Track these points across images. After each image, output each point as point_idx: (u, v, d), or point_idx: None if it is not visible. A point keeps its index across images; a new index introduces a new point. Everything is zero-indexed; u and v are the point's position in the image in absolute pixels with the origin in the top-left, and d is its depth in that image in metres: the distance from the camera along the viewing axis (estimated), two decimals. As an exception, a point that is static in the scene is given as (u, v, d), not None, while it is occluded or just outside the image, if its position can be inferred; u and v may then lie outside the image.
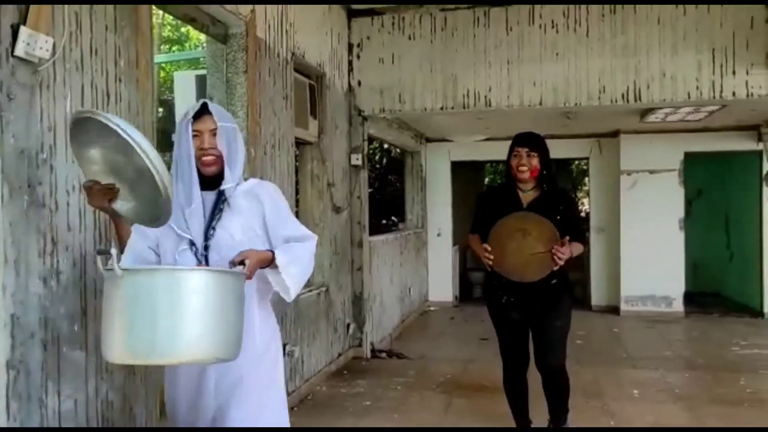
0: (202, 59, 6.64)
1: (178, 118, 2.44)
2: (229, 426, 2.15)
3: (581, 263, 9.77)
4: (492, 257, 3.28)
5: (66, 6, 2.41)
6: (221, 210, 2.22)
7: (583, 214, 12.26)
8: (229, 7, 3.63)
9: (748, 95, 5.16)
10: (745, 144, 8.33)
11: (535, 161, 3.40)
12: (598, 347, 6.32)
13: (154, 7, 3.18)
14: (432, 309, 8.71)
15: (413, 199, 8.74)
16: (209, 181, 2.20)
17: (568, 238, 3.23)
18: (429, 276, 8.94)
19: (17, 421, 2.18)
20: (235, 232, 2.21)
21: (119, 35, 2.72)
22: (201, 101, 2.25)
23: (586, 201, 13.32)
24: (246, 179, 2.33)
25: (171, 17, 8.38)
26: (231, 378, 2.15)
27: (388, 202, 11.10)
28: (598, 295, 8.79)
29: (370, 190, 6.20)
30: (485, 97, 5.54)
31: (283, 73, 4.39)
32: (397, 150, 10.86)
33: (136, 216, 2.10)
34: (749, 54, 5.12)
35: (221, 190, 2.21)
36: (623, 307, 8.28)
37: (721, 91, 5.20)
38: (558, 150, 9.13)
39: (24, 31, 2.18)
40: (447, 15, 5.61)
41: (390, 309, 6.96)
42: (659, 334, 7.06)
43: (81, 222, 2.52)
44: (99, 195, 2.04)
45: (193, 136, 2.17)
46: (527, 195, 3.46)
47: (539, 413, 3.67)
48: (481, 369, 5.36)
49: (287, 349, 4.33)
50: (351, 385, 5.03)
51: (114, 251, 1.81)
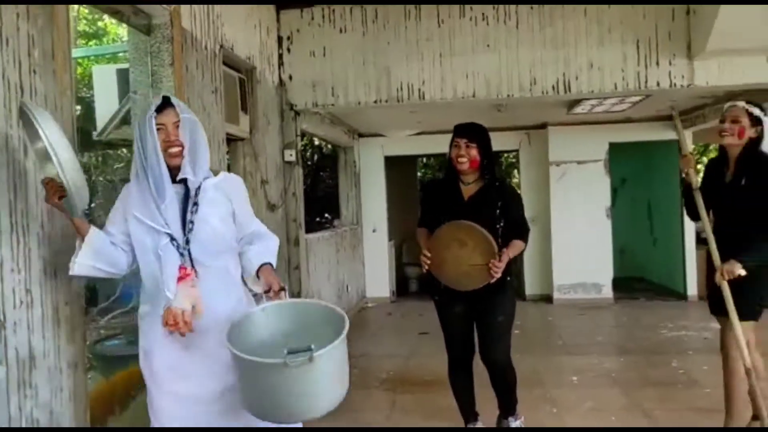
0: (121, 54, 6.36)
1: (99, 114, 2.41)
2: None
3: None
4: (429, 262, 3.26)
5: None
6: (197, 203, 2.29)
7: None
8: (152, -4, 3.45)
9: (671, 85, 5.32)
10: (664, 134, 8.65)
11: (474, 152, 3.34)
12: (535, 336, 6.43)
13: (70, -6, 2.97)
14: (370, 305, 8.66)
15: (348, 195, 8.65)
16: (176, 173, 2.27)
17: (505, 250, 3.20)
18: (366, 272, 8.87)
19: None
20: (214, 224, 2.31)
21: (32, 24, 2.51)
22: (162, 95, 2.33)
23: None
24: (216, 173, 2.41)
25: (86, 10, 7.98)
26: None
27: (321, 199, 10.98)
28: (531, 285, 8.95)
29: (303, 187, 6.07)
30: (419, 90, 5.51)
31: (211, 66, 4.21)
32: (329, 146, 10.75)
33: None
34: (671, 45, 5.28)
35: (189, 183, 2.28)
36: (556, 295, 8.46)
37: (645, 82, 5.35)
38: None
39: None
40: (378, 7, 5.53)
41: (328, 307, 6.82)
42: (591, 321, 7.24)
43: (-5, 227, 2.31)
44: (52, 192, 2.14)
45: (158, 129, 2.23)
46: (469, 188, 3.42)
47: (490, 408, 3.66)
48: (422, 363, 5.35)
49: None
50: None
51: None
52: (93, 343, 4.44)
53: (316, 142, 11.04)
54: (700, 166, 7.47)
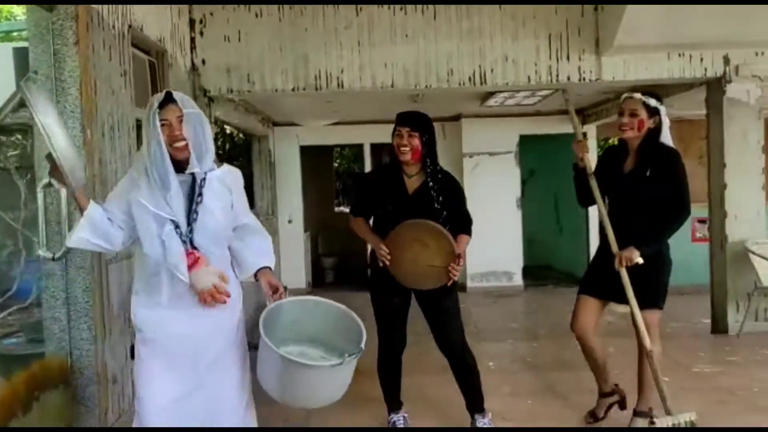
0: (16, 33, 5.94)
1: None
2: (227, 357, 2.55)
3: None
4: (389, 258, 3.23)
5: None
6: (201, 194, 2.43)
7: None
8: (54, -31, 3.21)
9: (580, 79, 5.52)
10: (568, 127, 8.93)
11: (416, 141, 3.29)
12: (424, 325, 6.51)
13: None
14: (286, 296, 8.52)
15: (263, 185, 8.46)
16: (181, 165, 2.39)
17: (459, 254, 3.19)
18: (281, 263, 8.73)
19: None
20: (217, 214, 2.46)
21: None
22: (164, 91, 2.45)
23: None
24: (218, 164, 2.55)
25: (-24, -15, 7.38)
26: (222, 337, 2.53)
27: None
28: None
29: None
30: (337, 78, 5.44)
31: (120, 47, 3.98)
32: (240, 135, 10.48)
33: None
34: (581, 41, 5.47)
35: (196, 175, 2.43)
36: (469, 284, 8.64)
37: (557, 76, 5.52)
38: (404, 134, 9.36)
39: None
40: (294, -7, 5.43)
41: (245, 299, 6.67)
42: (504, 308, 7.46)
43: None
44: (54, 167, 2.31)
45: (162, 125, 2.35)
46: (412, 180, 3.39)
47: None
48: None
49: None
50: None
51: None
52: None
53: (228, 131, 10.74)
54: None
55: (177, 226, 2.41)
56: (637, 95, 3.34)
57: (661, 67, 5.55)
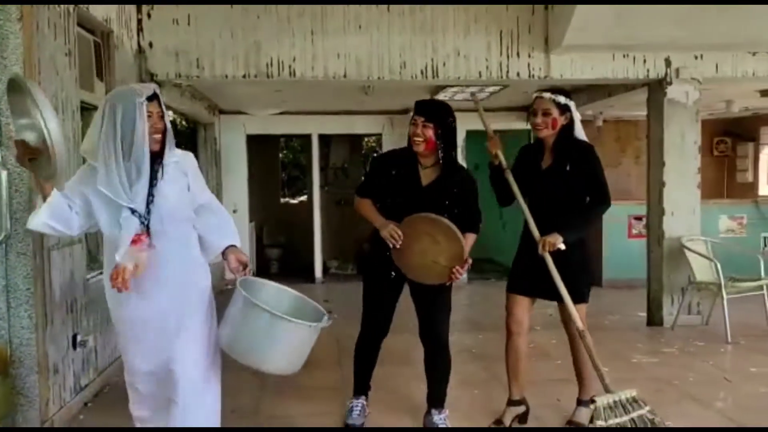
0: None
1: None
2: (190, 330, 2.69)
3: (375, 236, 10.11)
4: (400, 244, 3.19)
5: None
6: (157, 180, 2.59)
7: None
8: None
9: (529, 76, 5.62)
10: (515, 123, 9.16)
11: (430, 132, 3.23)
12: (398, 317, 6.54)
13: None
14: (229, 287, 8.37)
15: (207, 174, 8.29)
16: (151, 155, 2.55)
17: (467, 259, 3.19)
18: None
19: None
20: (171, 197, 2.63)
21: None
22: (153, 86, 2.61)
23: (375, 176, 13.84)
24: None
25: None
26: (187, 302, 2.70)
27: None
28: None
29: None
30: (289, 67, 5.38)
31: (65, 25, 3.83)
32: (183, 122, 10.25)
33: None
34: (531, 38, 5.58)
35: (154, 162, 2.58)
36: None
37: (507, 72, 5.61)
38: (354, 126, 9.37)
39: None
40: (246, -22, 5.33)
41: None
42: (449, 300, 7.53)
43: None
44: (25, 153, 2.44)
45: (147, 116, 2.50)
46: (427, 172, 3.35)
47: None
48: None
49: (79, 338, 3.87)
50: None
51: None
52: None
53: (171, 118, 10.47)
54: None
55: (134, 211, 2.56)
56: (547, 94, 3.36)
57: (606, 68, 5.71)
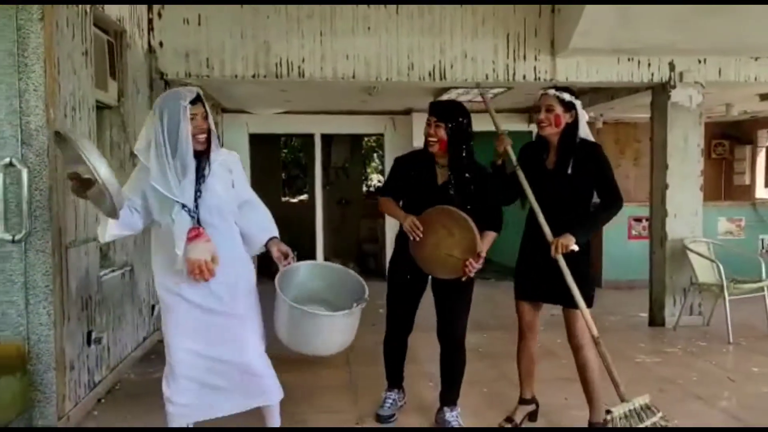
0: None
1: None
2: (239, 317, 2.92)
3: (376, 235, 10.17)
4: (420, 234, 3.25)
5: None
6: (204, 176, 2.80)
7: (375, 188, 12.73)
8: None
9: (535, 79, 5.68)
10: (518, 125, 9.25)
11: (441, 132, 3.28)
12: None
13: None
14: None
15: (211, 172, 8.32)
16: (195, 153, 2.75)
17: (480, 252, 3.22)
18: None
19: None
20: (218, 193, 2.83)
21: None
22: (195, 89, 2.77)
23: (375, 177, 13.85)
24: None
25: None
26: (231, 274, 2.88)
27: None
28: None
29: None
30: (299, 67, 5.42)
31: (82, 25, 3.86)
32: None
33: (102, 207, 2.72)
34: (537, 41, 5.64)
35: (201, 160, 2.79)
36: (416, 276, 8.73)
37: (513, 74, 5.67)
38: (356, 126, 9.41)
39: None
40: (256, -21, 5.37)
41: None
42: (451, 300, 7.57)
43: None
44: (77, 185, 2.62)
45: (191, 118, 2.69)
46: (443, 171, 3.40)
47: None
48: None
49: (93, 335, 3.90)
50: (162, 371, 4.65)
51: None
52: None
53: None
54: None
55: (184, 206, 2.76)
56: (552, 91, 3.31)
57: (612, 71, 5.78)
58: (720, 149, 11.03)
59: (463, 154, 3.38)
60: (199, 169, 2.78)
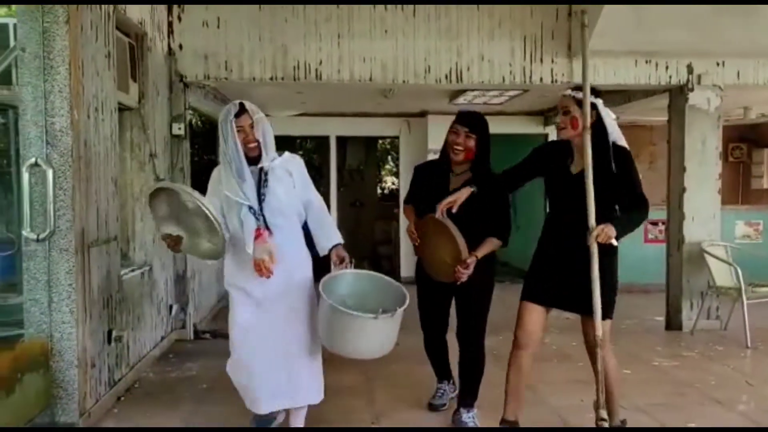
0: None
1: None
2: (297, 311, 3.17)
3: (390, 237, 10.20)
4: (418, 240, 3.40)
5: None
6: (267, 180, 3.05)
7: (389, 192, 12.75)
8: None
9: (552, 81, 5.69)
10: (532, 128, 9.26)
11: (472, 143, 3.35)
12: (414, 317, 6.56)
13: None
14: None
15: (227, 173, 8.37)
16: (253, 159, 3.02)
17: (473, 254, 3.25)
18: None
19: None
20: (280, 195, 3.07)
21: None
22: (238, 102, 3.00)
23: (389, 179, 13.87)
24: (280, 154, 3.14)
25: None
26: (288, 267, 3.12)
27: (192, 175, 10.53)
28: (406, 268, 9.20)
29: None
30: (316, 70, 5.46)
31: (105, 28, 3.92)
32: (199, 123, 10.33)
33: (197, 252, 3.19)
34: (554, 44, 5.64)
35: (262, 166, 3.05)
36: (430, 278, 8.75)
37: (530, 77, 5.67)
38: (371, 128, 9.45)
39: None
40: (275, -18, 5.41)
41: (208, 288, 6.65)
42: (466, 302, 7.58)
43: None
44: (173, 244, 3.05)
45: (238, 131, 2.95)
46: (458, 178, 3.45)
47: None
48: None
49: (114, 334, 3.95)
50: (181, 369, 4.73)
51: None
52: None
53: (189, 118, 10.56)
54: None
55: (251, 208, 3.01)
56: (568, 92, 3.18)
57: (629, 73, 5.77)
58: (738, 152, 10.94)
59: (485, 165, 3.47)
60: (260, 173, 3.04)
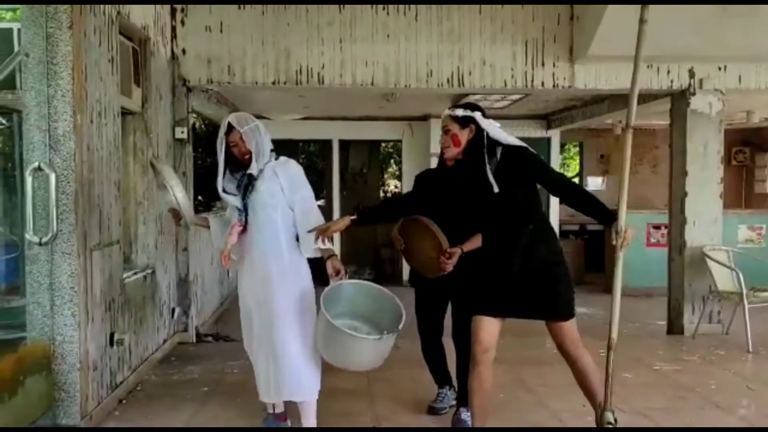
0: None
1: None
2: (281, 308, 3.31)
3: (392, 241, 10.20)
4: (402, 245, 3.59)
5: None
6: (253, 184, 3.31)
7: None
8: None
9: (554, 86, 5.69)
10: (535, 131, 9.27)
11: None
12: (411, 322, 6.61)
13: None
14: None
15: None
16: (247, 165, 3.28)
17: (457, 247, 3.39)
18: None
19: None
20: (260, 190, 3.29)
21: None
22: (226, 121, 3.27)
23: (392, 182, 13.88)
24: (277, 158, 3.37)
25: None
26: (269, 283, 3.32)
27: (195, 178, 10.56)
28: (408, 271, 9.20)
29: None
30: (318, 74, 5.48)
31: (108, 33, 3.95)
32: (203, 126, 10.37)
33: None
34: (556, 48, 5.65)
35: (251, 172, 3.29)
36: (432, 281, 8.76)
37: (532, 81, 5.68)
38: (374, 131, 9.47)
39: None
40: (278, -14, 5.43)
41: (211, 291, 6.67)
42: (468, 305, 7.59)
43: None
44: (176, 218, 3.47)
45: (233, 146, 3.25)
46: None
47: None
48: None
49: (116, 337, 3.97)
50: (183, 372, 4.74)
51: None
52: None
53: (192, 121, 10.60)
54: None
55: (238, 209, 3.35)
56: (446, 111, 3.13)
57: (630, 77, 5.74)
58: (741, 156, 10.94)
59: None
60: (249, 178, 3.28)
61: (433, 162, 8.83)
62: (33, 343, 3.39)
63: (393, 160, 13.57)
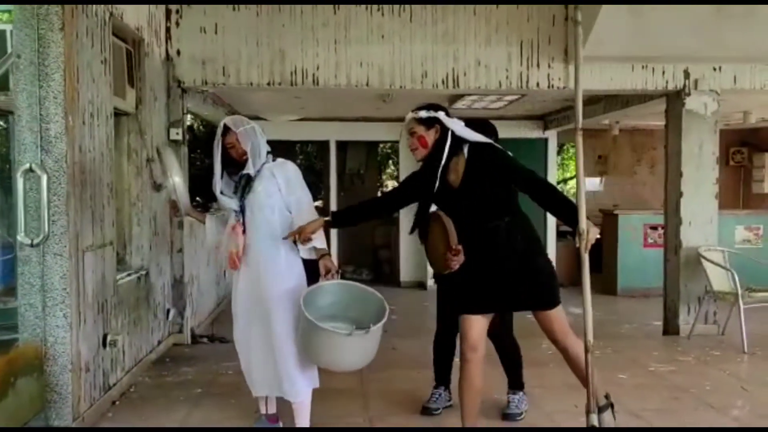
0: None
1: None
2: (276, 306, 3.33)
3: (390, 241, 10.20)
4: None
5: None
6: (250, 185, 3.34)
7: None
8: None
9: (549, 86, 5.69)
10: (532, 132, 9.27)
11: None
12: (414, 321, 6.63)
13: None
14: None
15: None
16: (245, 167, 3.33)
17: (452, 246, 3.23)
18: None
19: None
20: (257, 190, 3.33)
21: None
22: (222, 123, 3.34)
23: (390, 183, 13.87)
24: (275, 160, 3.42)
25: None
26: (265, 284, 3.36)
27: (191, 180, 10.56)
28: (406, 272, 9.23)
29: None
30: (313, 75, 5.48)
31: (101, 34, 3.95)
32: (201, 127, 10.39)
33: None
34: (551, 49, 5.65)
35: (248, 173, 3.34)
36: (429, 282, 8.75)
37: (527, 82, 5.68)
38: (371, 132, 9.46)
39: None
40: (272, -12, 5.43)
41: (207, 293, 6.67)
42: (465, 306, 7.58)
43: None
44: (173, 206, 3.63)
45: (230, 147, 3.31)
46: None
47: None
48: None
49: (109, 338, 3.97)
50: (177, 374, 4.74)
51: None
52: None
53: (188, 123, 10.60)
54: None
55: (234, 210, 3.39)
56: (410, 115, 3.17)
57: (626, 78, 5.77)
58: (738, 157, 10.94)
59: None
60: (246, 179, 3.33)
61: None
62: (25, 344, 3.39)
63: (391, 161, 13.57)
